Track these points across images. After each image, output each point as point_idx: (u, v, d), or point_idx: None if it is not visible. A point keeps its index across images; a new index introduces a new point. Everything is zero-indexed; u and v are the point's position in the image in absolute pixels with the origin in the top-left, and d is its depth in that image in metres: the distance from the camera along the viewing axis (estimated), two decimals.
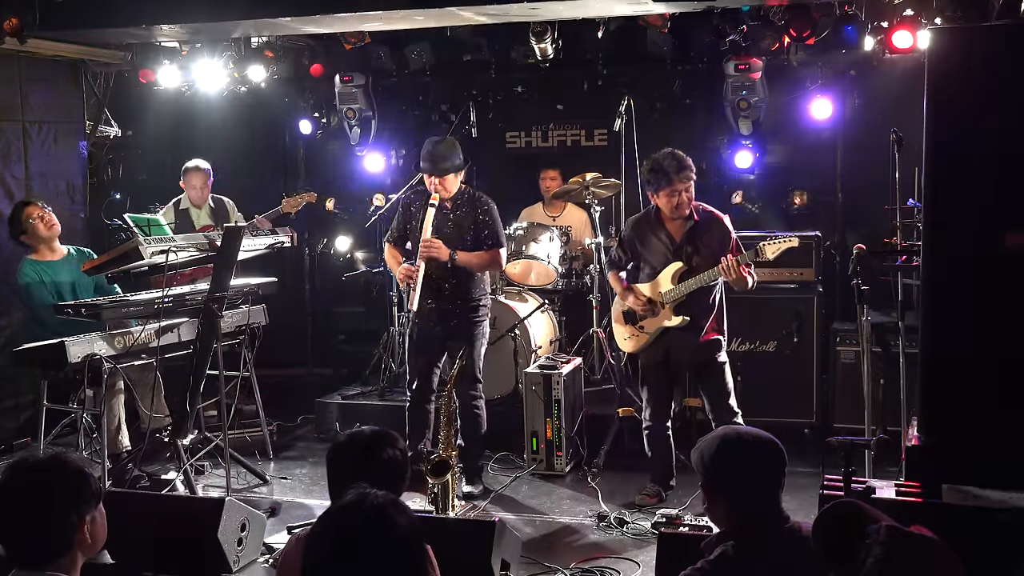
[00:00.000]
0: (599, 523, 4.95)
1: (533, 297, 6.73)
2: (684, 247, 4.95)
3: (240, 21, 6.03)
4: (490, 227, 5.25)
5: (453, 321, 5.27)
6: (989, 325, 3.53)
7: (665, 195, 4.86)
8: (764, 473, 2.67)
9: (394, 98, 7.82)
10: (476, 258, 5.20)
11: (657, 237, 5.02)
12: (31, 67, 6.72)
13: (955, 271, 3.59)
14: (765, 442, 2.72)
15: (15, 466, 2.43)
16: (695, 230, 4.95)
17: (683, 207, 4.87)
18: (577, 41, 6.84)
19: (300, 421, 6.93)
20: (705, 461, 2.71)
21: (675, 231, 4.98)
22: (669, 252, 4.98)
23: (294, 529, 4.52)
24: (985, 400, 3.54)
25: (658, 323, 5.02)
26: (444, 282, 5.22)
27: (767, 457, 2.69)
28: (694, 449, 2.79)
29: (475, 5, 5.51)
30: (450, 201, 5.24)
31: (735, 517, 2.67)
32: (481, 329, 5.35)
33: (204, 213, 6.96)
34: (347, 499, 2.08)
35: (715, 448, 2.69)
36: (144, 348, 5.32)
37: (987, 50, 3.61)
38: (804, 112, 6.77)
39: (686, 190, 4.84)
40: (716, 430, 2.86)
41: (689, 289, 4.88)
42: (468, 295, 5.28)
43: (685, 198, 4.85)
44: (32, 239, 5.71)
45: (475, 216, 5.24)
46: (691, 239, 4.95)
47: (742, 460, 2.67)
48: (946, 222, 3.60)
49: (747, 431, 2.80)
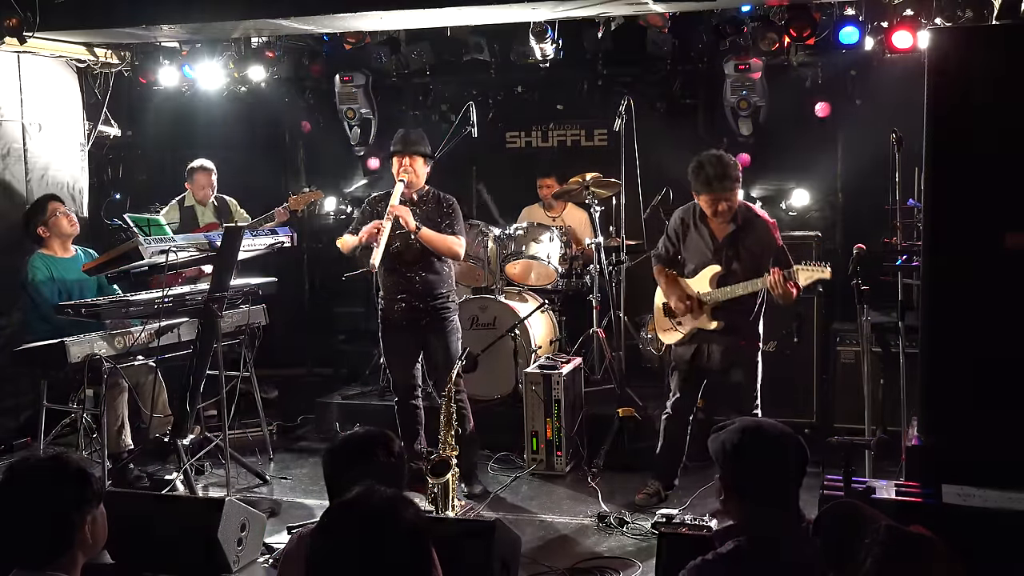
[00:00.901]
0: (599, 523, 4.95)
1: (533, 297, 6.73)
2: (725, 250, 4.87)
3: (240, 21, 6.03)
4: (452, 218, 5.33)
5: (424, 320, 5.31)
6: (989, 325, 3.53)
7: (705, 201, 4.78)
8: (785, 468, 2.61)
9: (394, 98, 7.82)
10: (438, 238, 5.23)
11: (699, 233, 4.95)
12: (31, 67, 6.72)
13: (955, 271, 3.59)
14: (789, 437, 2.66)
15: (15, 466, 2.43)
16: (737, 234, 4.85)
17: (724, 215, 4.78)
18: (577, 41, 6.84)
19: (300, 421, 6.93)
20: (726, 450, 2.64)
21: (718, 231, 4.89)
22: (709, 252, 4.91)
23: (294, 529, 4.52)
24: (985, 400, 3.54)
25: (695, 324, 4.98)
26: (415, 276, 5.26)
27: (790, 452, 2.63)
28: (713, 438, 2.72)
29: (475, 5, 5.51)
30: (415, 195, 5.30)
31: (750, 511, 2.61)
32: (452, 325, 5.40)
33: (208, 211, 7.00)
34: (353, 494, 2.08)
35: (737, 438, 2.63)
36: (144, 348, 5.32)
37: (987, 50, 3.61)
38: (804, 112, 6.77)
39: (727, 199, 4.72)
40: (738, 421, 2.77)
41: (727, 296, 4.82)
42: (436, 291, 5.32)
43: (725, 207, 4.74)
44: (51, 233, 5.73)
45: (440, 210, 5.32)
46: (733, 242, 4.86)
47: (764, 453, 2.61)
48: (946, 222, 3.60)
49: (771, 424, 2.74)
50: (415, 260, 5.26)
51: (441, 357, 5.31)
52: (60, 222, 5.73)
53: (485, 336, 6.20)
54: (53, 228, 5.73)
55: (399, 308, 5.30)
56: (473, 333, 6.27)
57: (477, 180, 7.84)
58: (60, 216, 5.73)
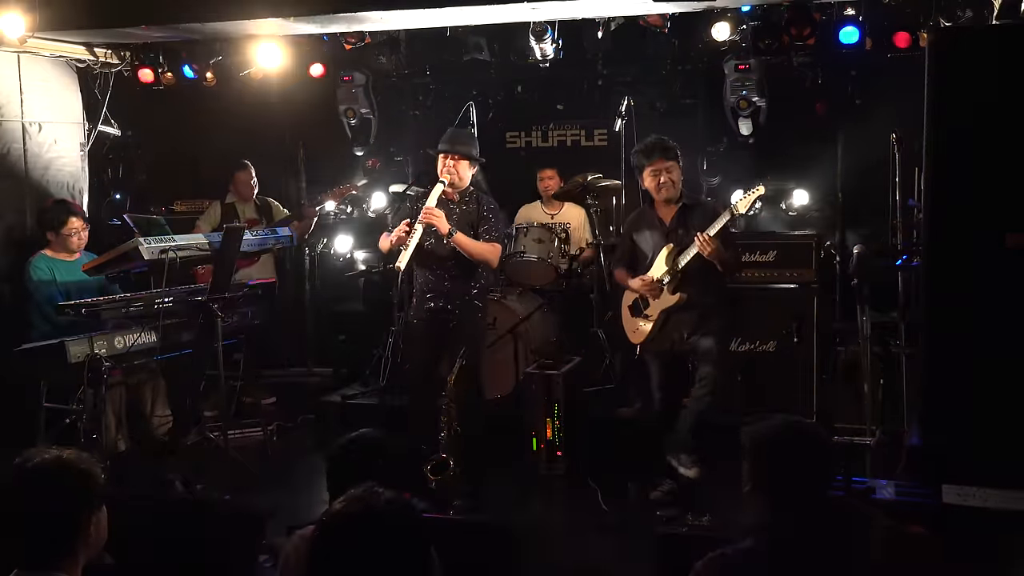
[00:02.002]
0: (599, 523, 4.95)
1: (533, 297, 6.73)
2: (675, 229, 5.04)
3: (240, 21, 6.03)
4: (491, 223, 5.23)
5: (452, 323, 5.26)
6: (989, 325, 3.54)
7: (649, 174, 4.99)
8: (817, 470, 2.56)
9: (394, 98, 7.82)
10: (472, 244, 5.12)
11: (651, 226, 5.13)
12: (31, 67, 6.72)
13: (955, 271, 3.59)
14: (825, 439, 2.63)
15: (21, 466, 2.38)
16: (684, 212, 5.05)
17: (668, 188, 4.98)
18: (577, 41, 6.84)
19: (300, 421, 6.92)
20: (761, 444, 2.58)
21: (666, 216, 5.10)
22: (662, 237, 5.07)
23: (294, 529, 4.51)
24: (985, 400, 3.54)
25: (660, 306, 5.06)
26: (445, 274, 5.20)
27: (825, 455, 2.59)
28: (747, 430, 2.64)
29: (475, 5, 5.51)
30: (457, 194, 5.21)
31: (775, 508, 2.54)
32: (478, 328, 5.35)
33: (250, 208, 7.10)
34: (355, 494, 2.08)
35: (774, 433, 2.58)
36: (144, 348, 5.32)
37: (987, 50, 3.61)
38: (804, 112, 6.77)
39: (667, 170, 4.96)
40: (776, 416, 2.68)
41: (679, 266, 4.92)
42: (467, 293, 5.25)
43: (668, 178, 4.96)
44: (57, 241, 5.81)
45: (480, 213, 5.21)
46: (681, 221, 5.04)
47: (800, 451, 2.55)
48: (946, 222, 3.61)
49: (809, 423, 2.70)
50: (447, 257, 5.18)
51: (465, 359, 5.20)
52: (71, 240, 5.80)
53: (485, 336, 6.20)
54: (62, 240, 5.79)
55: (427, 307, 5.24)
56: None
57: None
58: (73, 235, 5.80)
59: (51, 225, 5.78)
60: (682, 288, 4.99)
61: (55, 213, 5.85)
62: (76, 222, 5.81)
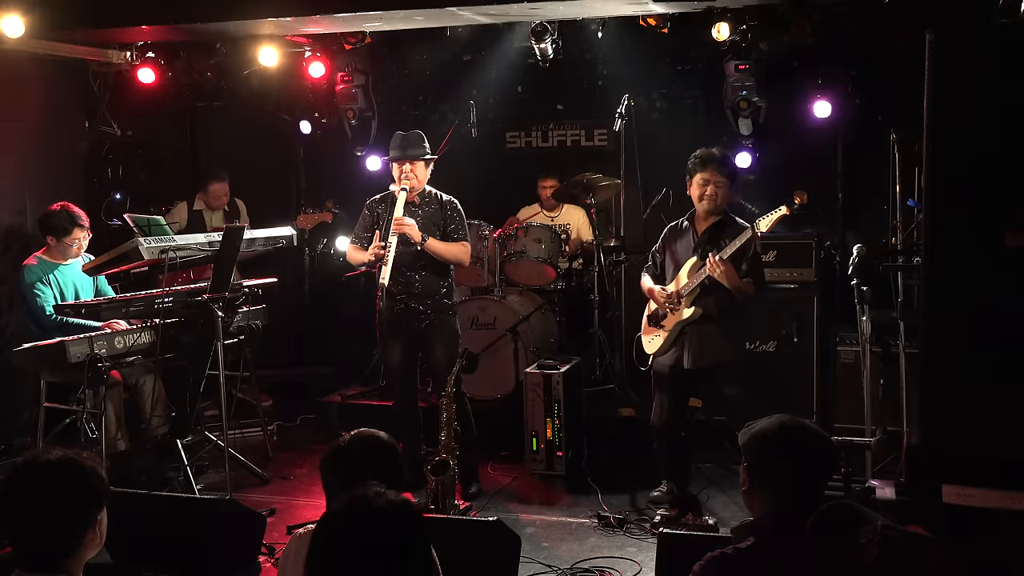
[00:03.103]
0: (599, 523, 4.95)
1: (533, 297, 6.73)
2: (704, 244, 4.97)
3: (240, 21, 6.03)
4: (457, 222, 5.32)
5: (424, 322, 5.30)
6: (989, 325, 3.53)
7: (697, 182, 4.94)
8: (816, 469, 2.57)
9: (394, 98, 7.82)
10: (444, 247, 5.24)
11: (685, 236, 5.08)
12: (31, 67, 6.71)
13: (955, 270, 3.59)
14: (825, 439, 2.62)
15: (25, 467, 2.35)
16: (716, 228, 4.97)
17: (711, 200, 4.91)
18: (577, 41, 6.84)
19: (300, 421, 6.93)
20: (759, 442, 2.58)
21: (700, 228, 5.03)
22: (691, 249, 5.02)
23: (294, 529, 4.51)
24: (985, 400, 3.54)
25: (676, 319, 5.02)
26: (415, 275, 5.25)
27: (824, 455, 2.59)
28: (746, 429, 2.66)
29: (475, 5, 5.51)
30: (418, 196, 5.28)
31: (773, 508, 2.55)
32: (452, 327, 5.40)
33: (218, 216, 7.04)
34: (353, 495, 2.08)
35: (774, 432, 2.57)
36: (144, 348, 5.32)
37: (987, 50, 3.61)
38: (804, 112, 6.77)
39: (716, 184, 4.89)
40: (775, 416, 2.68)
41: (697, 280, 4.87)
42: (437, 293, 5.31)
43: (715, 191, 4.90)
44: (56, 247, 5.71)
45: (443, 213, 5.31)
46: (712, 237, 4.96)
47: (800, 450, 2.55)
48: (946, 222, 3.60)
49: (808, 423, 2.67)
50: (415, 259, 5.25)
51: (441, 358, 5.30)
52: (71, 250, 5.71)
53: (485, 336, 6.21)
54: (61, 247, 5.70)
55: (398, 309, 5.29)
56: (473, 333, 6.28)
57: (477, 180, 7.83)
58: (75, 245, 5.70)
59: (52, 230, 5.71)
60: (698, 302, 4.94)
61: (61, 220, 5.72)
62: (80, 233, 5.72)
